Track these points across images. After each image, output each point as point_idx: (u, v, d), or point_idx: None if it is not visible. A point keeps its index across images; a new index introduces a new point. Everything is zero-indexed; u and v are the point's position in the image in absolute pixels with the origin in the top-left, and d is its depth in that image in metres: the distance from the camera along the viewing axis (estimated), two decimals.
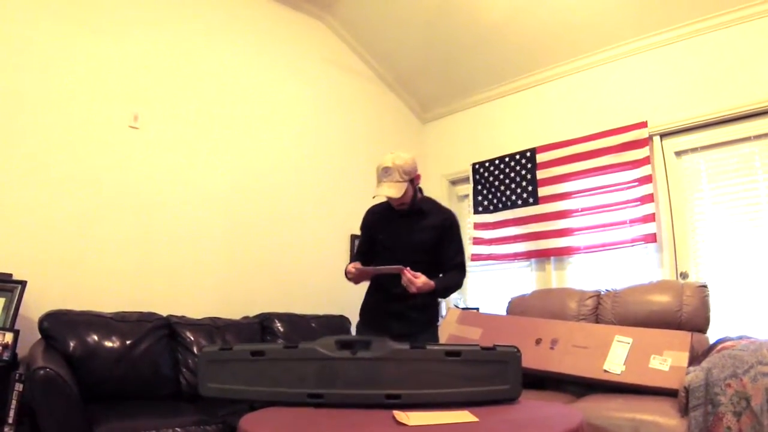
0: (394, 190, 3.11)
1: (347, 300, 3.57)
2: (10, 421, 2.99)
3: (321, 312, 4.84)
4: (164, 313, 4.06)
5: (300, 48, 5.71)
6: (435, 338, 3.44)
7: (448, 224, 3.38)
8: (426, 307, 3.37)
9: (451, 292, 3.44)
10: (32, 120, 3.88)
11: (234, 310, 4.56)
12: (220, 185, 4.84)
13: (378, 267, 3.14)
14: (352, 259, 3.50)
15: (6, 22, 3.84)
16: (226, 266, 4.77)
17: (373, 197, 3.30)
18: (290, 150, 5.44)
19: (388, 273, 3.11)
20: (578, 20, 4.93)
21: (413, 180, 3.23)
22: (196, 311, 4.28)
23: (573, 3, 4.81)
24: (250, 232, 4.97)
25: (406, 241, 3.25)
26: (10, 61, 3.82)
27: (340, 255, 3.38)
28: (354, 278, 3.22)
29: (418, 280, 3.02)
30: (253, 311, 4.69)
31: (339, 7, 5.82)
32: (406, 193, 3.17)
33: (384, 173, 3.14)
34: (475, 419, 2.01)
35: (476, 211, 5.90)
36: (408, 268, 3.02)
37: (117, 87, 4.31)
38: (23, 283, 3.46)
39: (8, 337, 3.19)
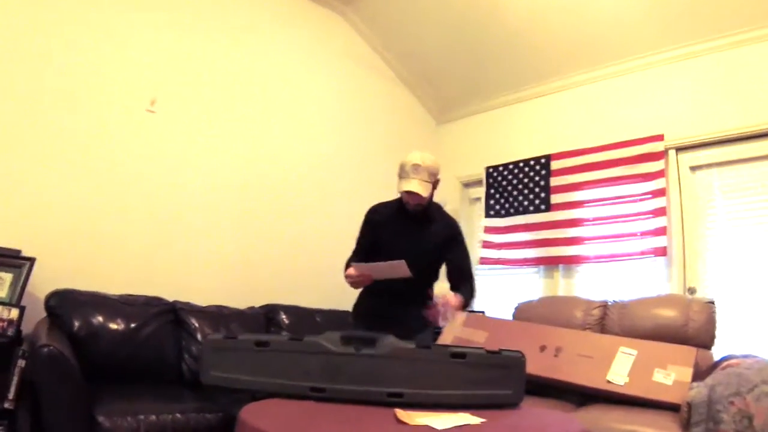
0: (422, 188, 3.08)
1: (354, 296, 3.56)
2: (11, 396, 3.02)
3: (326, 307, 4.86)
4: (170, 298, 4.09)
5: (319, 42, 5.71)
6: (430, 339, 3.45)
7: (455, 233, 3.41)
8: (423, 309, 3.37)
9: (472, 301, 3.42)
10: (50, 100, 3.90)
11: (240, 300, 4.56)
12: (233, 174, 4.85)
13: (378, 264, 3.06)
14: (351, 257, 3.43)
15: (28, 5, 3.86)
16: (235, 255, 4.79)
17: (400, 192, 3.22)
18: (304, 143, 5.45)
19: (392, 277, 3.04)
20: (600, 31, 4.91)
21: (435, 184, 3.21)
22: (202, 298, 4.30)
23: (595, 14, 4.79)
24: (260, 222, 4.98)
25: (414, 247, 3.19)
26: (31, 43, 3.84)
27: (349, 250, 3.38)
28: (355, 283, 3.17)
29: (453, 299, 3.03)
30: (259, 302, 4.69)
31: (362, 4, 5.82)
32: (429, 195, 3.16)
33: (414, 170, 3.09)
34: (477, 422, 2.00)
35: (488, 215, 5.88)
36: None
37: (136, 71, 4.33)
38: (32, 260, 3.49)
39: (14, 313, 3.21)
